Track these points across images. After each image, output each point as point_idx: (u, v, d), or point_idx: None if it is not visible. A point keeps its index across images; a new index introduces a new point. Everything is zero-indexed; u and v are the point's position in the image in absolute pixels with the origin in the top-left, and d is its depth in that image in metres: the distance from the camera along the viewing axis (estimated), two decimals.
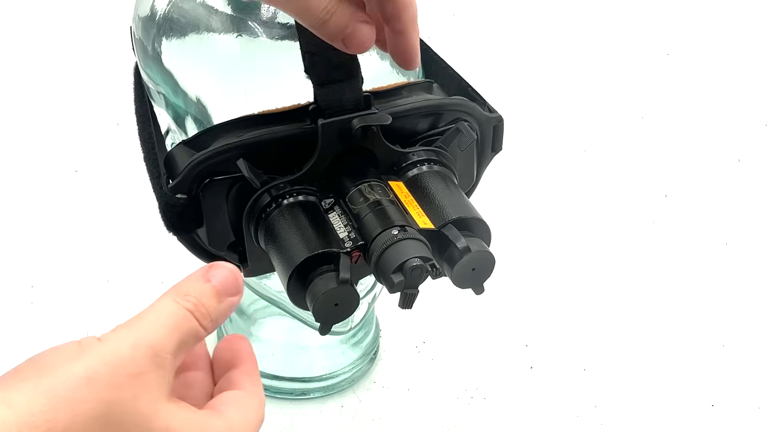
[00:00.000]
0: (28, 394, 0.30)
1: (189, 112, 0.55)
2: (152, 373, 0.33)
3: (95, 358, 0.32)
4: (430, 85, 0.54)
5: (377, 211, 0.46)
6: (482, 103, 0.55)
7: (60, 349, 0.33)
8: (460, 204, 0.48)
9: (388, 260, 0.44)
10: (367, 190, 0.47)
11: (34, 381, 0.31)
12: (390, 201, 0.47)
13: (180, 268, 0.91)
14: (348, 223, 0.47)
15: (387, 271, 0.43)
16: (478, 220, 0.47)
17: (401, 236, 0.44)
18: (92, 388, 0.31)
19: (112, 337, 0.34)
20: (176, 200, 0.47)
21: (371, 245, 0.45)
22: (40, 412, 0.30)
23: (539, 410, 0.74)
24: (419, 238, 0.45)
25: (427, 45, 0.60)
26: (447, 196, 0.48)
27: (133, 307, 0.40)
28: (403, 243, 0.44)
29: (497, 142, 0.55)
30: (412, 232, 0.45)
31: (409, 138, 0.51)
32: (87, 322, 0.84)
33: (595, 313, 0.84)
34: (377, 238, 0.45)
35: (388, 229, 0.45)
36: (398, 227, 0.45)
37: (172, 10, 0.55)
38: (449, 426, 0.73)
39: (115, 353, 0.33)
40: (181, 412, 0.34)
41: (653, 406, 0.75)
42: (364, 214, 0.46)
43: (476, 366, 0.78)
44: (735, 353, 0.80)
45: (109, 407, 0.31)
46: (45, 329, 0.82)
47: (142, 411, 0.32)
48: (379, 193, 0.47)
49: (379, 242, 0.44)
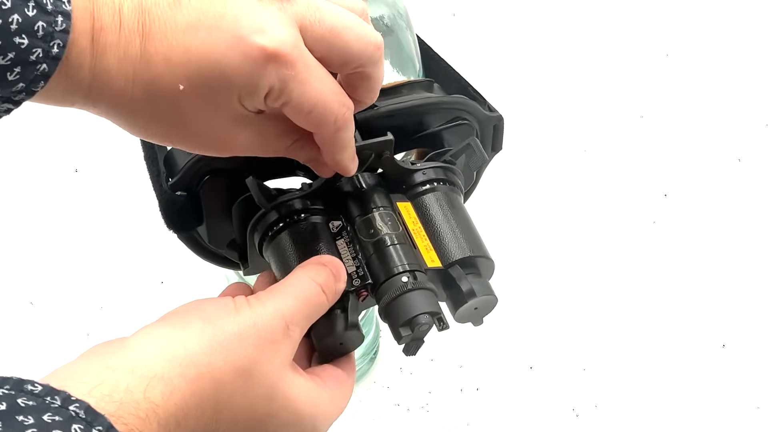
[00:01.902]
0: (196, 338, 0.36)
1: None
2: (283, 342, 0.38)
3: (246, 320, 0.37)
4: (430, 83, 0.54)
5: (387, 250, 0.45)
6: (482, 102, 0.55)
7: (219, 303, 0.38)
8: (467, 237, 0.47)
9: (398, 312, 0.43)
10: (378, 221, 0.46)
11: (199, 328, 0.36)
12: (400, 236, 0.46)
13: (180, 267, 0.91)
14: (356, 256, 0.45)
15: (395, 323, 0.43)
16: (484, 258, 0.47)
17: (411, 285, 0.43)
18: (241, 343, 0.36)
19: (258, 304, 0.39)
20: (176, 197, 0.48)
21: (380, 288, 0.44)
22: (203, 354, 0.35)
23: (539, 410, 0.74)
24: (428, 287, 0.44)
25: (427, 45, 0.60)
26: (455, 227, 0.47)
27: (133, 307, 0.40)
28: (413, 295, 0.43)
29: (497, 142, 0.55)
30: (421, 279, 0.44)
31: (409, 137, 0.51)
32: (87, 322, 0.84)
33: (595, 312, 0.84)
34: (387, 282, 0.44)
35: (399, 276, 0.44)
36: (408, 273, 0.44)
37: None
38: (449, 426, 0.73)
39: (259, 318, 0.38)
40: (297, 380, 0.39)
41: (653, 406, 0.75)
42: (372, 251, 0.45)
43: (476, 366, 0.77)
44: (735, 353, 0.80)
45: (250, 363, 0.36)
46: (45, 329, 0.82)
47: (272, 374, 0.37)
48: (389, 226, 0.46)
49: (389, 288, 0.44)
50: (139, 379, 0.33)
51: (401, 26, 0.57)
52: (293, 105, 0.38)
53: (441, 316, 0.44)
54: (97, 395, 0.32)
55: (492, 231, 0.49)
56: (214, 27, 0.35)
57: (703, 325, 0.83)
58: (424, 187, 0.49)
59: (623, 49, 1.17)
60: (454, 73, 0.58)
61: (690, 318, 0.83)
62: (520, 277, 0.86)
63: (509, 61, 1.14)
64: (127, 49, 0.35)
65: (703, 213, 0.97)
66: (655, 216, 0.96)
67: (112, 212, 0.94)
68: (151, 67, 0.36)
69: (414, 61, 0.58)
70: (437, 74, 0.59)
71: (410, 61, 0.57)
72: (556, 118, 1.09)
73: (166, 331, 0.36)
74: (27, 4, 0.32)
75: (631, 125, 1.09)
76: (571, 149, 1.05)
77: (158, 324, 0.37)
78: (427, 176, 0.49)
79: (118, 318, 0.84)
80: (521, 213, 0.95)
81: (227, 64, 0.36)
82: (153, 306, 0.86)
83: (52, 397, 0.30)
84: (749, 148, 1.06)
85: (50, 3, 0.33)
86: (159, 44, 0.35)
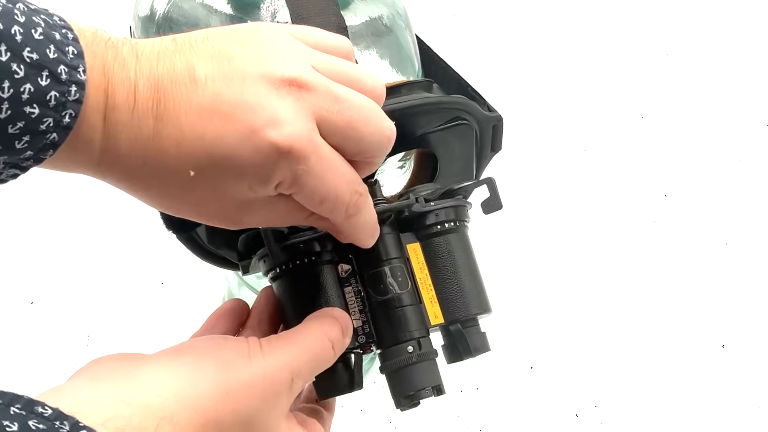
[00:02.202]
0: (208, 384, 0.36)
1: None
2: (285, 394, 0.39)
3: (257, 369, 0.38)
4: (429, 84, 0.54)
5: (395, 313, 0.45)
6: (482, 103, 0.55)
7: (234, 347, 0.38)
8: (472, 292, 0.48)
9: (401, 384, 0.45)
10: (388, 277, 0.46)
11: (212, 372, 0.36)
12: (409, 296, 0.46)
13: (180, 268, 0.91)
14: (363, 309, 0.46)
15: (398, 393, 0.45)
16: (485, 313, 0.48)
17: (416, 358, 0.45)
18: (249, 394, 0.37)
19: (270, 353, 0.39)
20: None
21: (385, 352, 0.46)
22: (213, 401, 0.36)
23: (539, 410, 0.74)
24: (432, 357, 0.46)
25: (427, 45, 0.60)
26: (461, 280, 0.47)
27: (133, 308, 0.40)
28: (418, 368, 0.45)
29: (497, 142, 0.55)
30: (425, 347, 0.45)
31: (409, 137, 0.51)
32: (87, 322, 0.84)
33: (596, 312, 0.84)
34: (392, 349, 0.45)
35: (405, 343, 0.45)
36: (414, 342, 0.45)
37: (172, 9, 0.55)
38: (449, 426, 0.73)
39: (269, 369, 0.38)
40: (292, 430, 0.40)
41: (653, 406, 0.75)
42: (380, 310, 0.46)
43: (476, 366, 0.78)
44: (735, 353, 0.80)
45: (253, 414, 0.37)
46: (45, 329, 0.82)
47: (270, 423, 0.38)
48: (399, 283, 0.46)
49: (394, 355, 0.45)
50: (151, 418, 0.33)
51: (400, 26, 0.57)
52: (304, 195, 0.37)
53: (440, 385, 0.46)
54: (110, 427, 0.32)
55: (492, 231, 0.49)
56: (228, 116, 0.35)
57: (703, 325, 0.83)
58: (435, 228, 0.48)
59: (623, 49, 1.17)
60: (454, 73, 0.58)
61: (690, 318, 0.83)
62: (520, 277, 0.86)
63: (509, 61, 1.14)
64: (139, 129, 0.35)
65: (703, 213, 0.97)
66: (655, 216, 0.96)
67: (113, 213, 0.94)
68: (163, 151, 0.35)
69: (413, 61, 0.58)
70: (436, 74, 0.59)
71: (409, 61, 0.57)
72: (556, 118, 1.09)
73: (180, 370, 0.36)
74: (41, 74, 0.32)
75: (631, 125, 1.09)
76: (571, 149, 1.05)
77: (173, 357, 0.37)
78: (439, 218, 0.48)
79: (118, 318, 0.84)
80: (521, 213, 0.95)
81: (239, 156, 0.35)
82: (153, 306, 0.86)
83: (61, 422, 0.30)
84: (749, 148, 1.06)
85: (65, 72, 0.33)
86: (172, 128, 0.35)
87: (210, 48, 0.36)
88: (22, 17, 0.32)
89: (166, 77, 0.35)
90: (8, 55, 0.31)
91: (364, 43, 0.53)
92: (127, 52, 0.35)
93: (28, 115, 0.32)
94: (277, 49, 0.37)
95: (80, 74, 0.33)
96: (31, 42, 0.32)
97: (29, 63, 0.32)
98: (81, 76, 0.33)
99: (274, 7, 0.53)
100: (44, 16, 0.33)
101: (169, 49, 0.36)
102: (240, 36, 0.37)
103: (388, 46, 0.55)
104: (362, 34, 0.53)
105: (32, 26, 0.32)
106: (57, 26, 0.34)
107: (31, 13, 0.33)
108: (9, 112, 0.31)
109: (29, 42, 0.32)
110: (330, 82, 0.37)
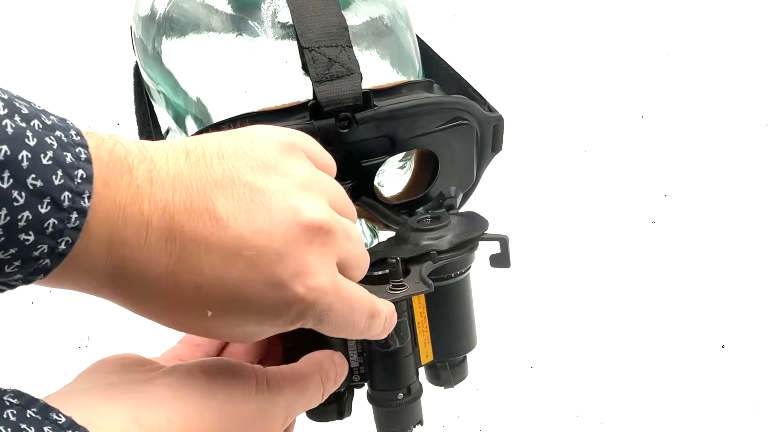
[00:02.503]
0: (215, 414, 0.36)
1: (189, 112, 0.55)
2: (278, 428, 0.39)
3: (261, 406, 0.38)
4: (430, 84, 0.54)
5: (392, 362, 0.47)
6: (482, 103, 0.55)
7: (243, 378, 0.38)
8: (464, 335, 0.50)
9: (387, 422, 0.48)
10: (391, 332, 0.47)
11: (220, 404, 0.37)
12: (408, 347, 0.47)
13: None
14: (361, 353, 0.47)
15: (384, 428, 0.49)
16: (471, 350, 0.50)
17: (404, 404, 0.47)
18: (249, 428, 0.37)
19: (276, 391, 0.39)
20: None
21: (376, 393, 0.48)
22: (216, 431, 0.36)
23: (539, 410, 0.74)
24: (418, 398, 0.48)
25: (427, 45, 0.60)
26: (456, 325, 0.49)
27: None
28: (405, 411, 0.48)
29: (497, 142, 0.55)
30: (414, 391, 0.48)
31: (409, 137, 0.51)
32: (87, 322, 0.84)
33: (596, 312, 0.84)
34: (383, 394, 0.48)
35: (396, 391, 0.47)
36: (405, 390, 0.47)
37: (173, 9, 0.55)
38: (449, 426, 0.73)
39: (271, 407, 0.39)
40: None
41: (653, 405, 0.75)
42: (379, 357, 0.47)
43: (476, 366, 0.77)
44: (735, 353, 0.80)
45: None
46: (45, 329, 0.82)
47: None
48: (400, 337, 0.46)
49: (385, 399, 0.48)
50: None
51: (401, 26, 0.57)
52: (322, 328, 0.37)
53: (422, 419, 0.49)
54: None
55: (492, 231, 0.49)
56: (253, 262, 0.33)
57: (703, 325, 0.83)
58: (442, 280, 0.48)
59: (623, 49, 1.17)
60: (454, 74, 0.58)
61: (690, 318, 0.84)
62: (520, 277, 0.86)
63: (509, 61, 1.14)
64: (151, 265, 0.33)
65: (703, 213, 0.97)
66: (655, 216, 0.96)
67: None
68: (178, 289, 0.33)
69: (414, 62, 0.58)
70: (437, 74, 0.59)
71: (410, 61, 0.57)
72: (556, 118, 1.09)
73: (191, 397, 0.36)
74: (42, 201, 0.30)
75: (631, 125, 1.09)
76: (571, 149, 1.05)
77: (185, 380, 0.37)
78: (448, 270, 0.49)
79: (118, 318, 0.84)
80: (521, 213, 0.95)
81: (263, 303, 0.34)
82: None
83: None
84: (749, 148, 1.06)
85: (68, 199, 0.31)
86: (190, 268, 0.33)
87: (227, 172, 0.34)
88: (33, 140, 0.30)
89: (183, 212, 0.33)
90: (10, 182, 0.30)
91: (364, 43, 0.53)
92: (142, 177, 0.33)
93: (23, 242, 0.30)
94: (297, 178, 0.36)
95: (84, 201, 0.31)
96: (37, 168, 0.30)
97: (31, 190, 0.30)
98: (84, 203, 0.31)
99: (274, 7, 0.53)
100: (60, 132, 0.31)
101: (184, 174, 0.33)
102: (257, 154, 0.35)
103: (388, 47, 0.55)
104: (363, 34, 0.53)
105: (42, 150, 0.30)
106: (71, 144, 0.31)
107: (45, 133, 0.31)
108: (2, 239, 0.30)
109: (35, 168, 0.30)
110: (342, 219, 0.37)
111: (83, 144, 0.32)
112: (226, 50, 0.54)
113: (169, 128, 0.61)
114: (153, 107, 0.60)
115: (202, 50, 0.55)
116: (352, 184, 0.50)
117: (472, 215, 0.51)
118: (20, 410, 0.30)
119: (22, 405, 0.30)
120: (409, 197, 0.54)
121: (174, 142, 0.35)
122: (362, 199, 0.51)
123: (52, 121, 0.32)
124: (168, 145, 0.34)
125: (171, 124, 0.60)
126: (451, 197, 0.54)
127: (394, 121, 0.49)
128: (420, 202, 0.53)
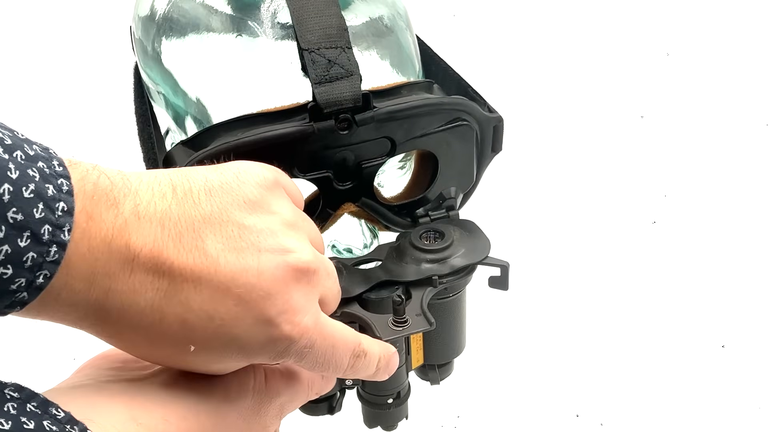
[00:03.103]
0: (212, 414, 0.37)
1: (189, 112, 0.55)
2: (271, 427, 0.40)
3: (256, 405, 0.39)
4: (430, 84, 0.54)
5: None
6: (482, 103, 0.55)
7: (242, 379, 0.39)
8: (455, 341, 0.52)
9: (374, 419, 0.52)
10: None
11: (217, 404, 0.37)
12: (401, 356, 0.48)
13: None
14: None
15: (370, 423, 0.52)
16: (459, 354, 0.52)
17: (393, 407, 0.51)
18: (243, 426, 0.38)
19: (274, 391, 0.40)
20: None
21: (365, 394, 0.51)
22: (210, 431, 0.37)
23: (539, 410, 0.74)
24: (405, 400, 0.52)
25: (427, 45, 0.60)
26: (449, 333, 0.51)
27: None
28: (392, 413, 0.51)
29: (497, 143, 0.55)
30: (403, 395, 0.51)
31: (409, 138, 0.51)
32: None
33: (596, 312, 0.84)
34: (373, 397, 0.51)
35: (385, 396, 0.50)
36: (394, 396, 0.50)
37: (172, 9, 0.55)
38: (449, 426, 0.73)
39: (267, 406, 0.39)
40: None
41: (653, 406, 0.75)
42: None
43: (476, 366, 0.77)
44: (735, 353, 0.80)
45: None
46: (45, 329, 0.82)
47: None
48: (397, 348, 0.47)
49: (374, 401, 0.51)
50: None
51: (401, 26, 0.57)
52: (304, 365, 0.38)
53: (407, 414, 0.52)
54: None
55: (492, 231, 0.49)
56: (242, 299, 0.33)
57: (703, 325, 0.83)
58: (441, 296, 0.50)
59: (623, 49, 1.17)
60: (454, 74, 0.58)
61: (690, 318, 0.84)
62: (520, 278, 0.87)
63: (509, 61, 1.14)
64: (134, 298, 0.32)
65: (703, 213, 0.97)
66: (655, 216, 0.96)
67: None
68: (163, 324, 0.33)
69: (414, 62, 0.58)
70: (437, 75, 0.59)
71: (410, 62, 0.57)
72: (556, 118, 1.09)
73: (188, 396, 0.36)
74: (22, 234, 0.30)
75: (631, 125, 1.09)
76: (571, 149, 1.05)
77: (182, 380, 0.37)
78: (449, 291, 0.50)
79: None
80: (521, 213, 0.95)
81: (249, 340, 0.34)
82: None
83: (72, 426, 0.31)
84: (749, 148, 1.06)
85: (48, 232, 0.30)
86: (177, 303, 0.33)
87: (216, 209, 0.34)
88: (15, 172, 0.30)
89: (172, 248, 0.33)
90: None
91: (364, 43, 0.53)
92: (129, 212, 0.32)
93: (0, 275, 0.30)
94: (283, 217, 0.36)
95: (64, 234, 0.31)
96: (18, 201, 0.30)
97: (11, 224, 0.30)
98: (64, 237, 0.31)
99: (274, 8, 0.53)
100: (42, 163, 0.31)
101: (172, 210, 0.33)
102: (243, 191, 0.35)
103: (388, 47, 0.55)
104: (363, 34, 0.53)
105: (24, 183, 0.30)
106: (53, 176, 0.31)
107: (27, 165, 0.31)
108: None
109: (16, 201, 0.30)
110: (323, 258, 0.38)
111: (65, 175, 0.31)
112: (225, 51, 0.54)
113: (168, 129, 0.62)
114: (153, 108, 0.60)
115: (201, 51, 0.55)
116: (352, 185, 0.50)
117: (473, 231, 0.51)
118: (20, 404, 0.30)
119: (23, 399, 0.30)
120: (409, 198, 0.54)
121: (158, 175, 0.34)
122: (362, 200, 0.51)
123: (35, 152, 0.31)
124: (152, 178, 0.34)
125: (171, 124, 0.60)
126: (451, 198, 0.54)
127: (393, 122, 0.49)
128: (420, 202, 0.53)
